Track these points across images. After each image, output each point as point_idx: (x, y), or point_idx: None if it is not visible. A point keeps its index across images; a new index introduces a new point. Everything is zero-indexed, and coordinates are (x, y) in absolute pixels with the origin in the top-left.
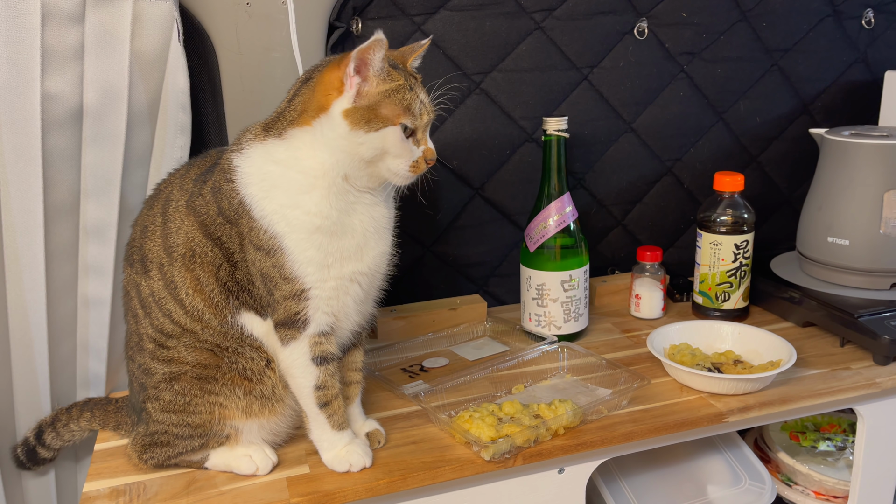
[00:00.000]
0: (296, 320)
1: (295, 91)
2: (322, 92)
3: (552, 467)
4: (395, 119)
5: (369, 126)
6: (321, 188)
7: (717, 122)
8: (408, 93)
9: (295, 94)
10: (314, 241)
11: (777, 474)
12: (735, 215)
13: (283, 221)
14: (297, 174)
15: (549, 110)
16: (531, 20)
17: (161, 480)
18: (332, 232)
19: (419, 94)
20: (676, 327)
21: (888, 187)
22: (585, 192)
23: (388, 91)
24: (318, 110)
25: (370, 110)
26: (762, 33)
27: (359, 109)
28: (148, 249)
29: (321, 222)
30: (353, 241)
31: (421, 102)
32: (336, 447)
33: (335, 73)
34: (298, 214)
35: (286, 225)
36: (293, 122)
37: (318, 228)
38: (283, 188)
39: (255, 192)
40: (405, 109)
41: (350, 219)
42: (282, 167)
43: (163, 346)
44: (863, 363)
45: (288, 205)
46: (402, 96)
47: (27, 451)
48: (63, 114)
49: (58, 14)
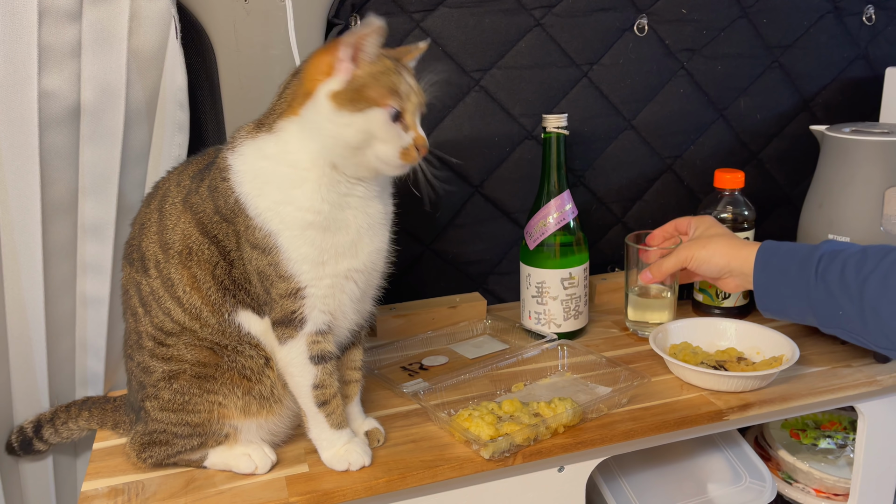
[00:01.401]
0: (293, 319)
1: (285, 85)
2: (309, 78)
3: (552, 466)
4: (381, 100)
5: (354, 106)
6: (311, 181)
7: (717, 118)
8: (395, 75)
9: (284, 87)
10: (307, 238)
11: (777, 472)
12: (735, 212)
13: (277, 219)
14: (287, 168)
15: (549, 107)
16: (531, 17)
17: (160, 479)
18: (325, 227)
19: (406, 77)
20: (678, 325)
21: (889, 184)
22: (585, 190)
23: (376, 73)
24: (305, 97)
25: (356, 91)
26: (762, 30)
27: (345, 91)
28: (145, 247)
29: (313, 218)
30: (348, 237)
31: (408, 85)
32: (335, 446)
33: (324, 58)
34: (291, 211)
35: (279, 222)
36: (282, 115)
37: (310, 224)
38: (274, 184)
39: (248, 191)
40: (391, 91)
41: (343, 214)
42: (272, 162)
43: (162, 344)
44: (863, 361)
45: (280, 201)
46: (389, 78)
47: (22, 441)
48: (60, 111)
49: (55, 11)
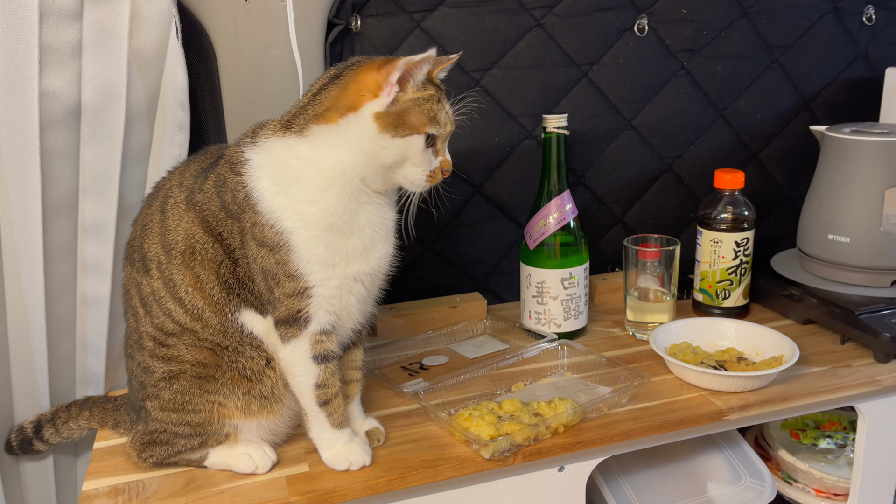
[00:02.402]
0: (297, 318)
1: (322, 86)
2: (355, 91)
3: (552, 465)
4: (422, 128)
5: (396, 132)
6: (338, 187)
7: (717, 119)
8: (436, 104)
9: (321, 88)
10: (324, 239)
11: (777, 472)
12: (735, 212)
13: (296, 216)
14: (318, 172)
15: (549, 107)
16: (531, 17)
17: (160, 479)
18: (343, 231)
19: (445, 105)
20: (678, 324)
21: (889, 184)
22: (585, 190)
23: (419, 100)
24: (348, 109)
25: (399, 116)
26: (763, 30)
27: (389, 114)
28: (147, 248)
29: (334, 220)
30: (361, 241)
31: (446, 113)
32: (335, 445)
33: (373, 76)
34: (315, 211)
35: (298, 220)
36: (317, 118)
37: (330, 226)
38: (303, 183)
39: (266, 186)
40: (431, 119)
41: (359, 219)
42: (304, 163)
43: (163, 345)
44: (863, 361)
45: (305, 200)
46: (430, 106)
47: (21, 440)
48: (61, 111)
49: (56, 11)
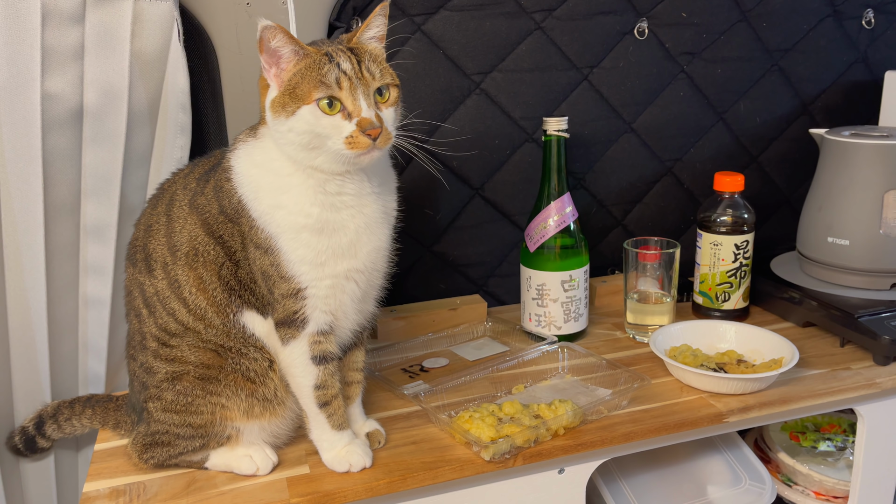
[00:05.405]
0: (295, 319)
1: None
2: (262, 91)
3: (552, 467)
4: (308, 97)
5: (286, 111)
6: (295, 185)
7: (717, 122)
8: (324, 66)
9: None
10: (302, 240)
11: (777, 474)
12: (735, 215)
13: (273, 223)
14: (273, 175)
15: (549, 110)
16: (531, 20)
17: (161, 480)
18: (319, 230)
19: (340, 62)
20: (678, 327)
21: (888, 188)
22: (585, 193)
23: (301, 70)
24: (263, 108)
25: (286, 94)
26: (762, 33)
27: (279, 97)
28: (152, 248)
29: (305, 220)
30: (346, 237)
31: (341, 71)
32: (336, 447)
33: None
34: (284, 215)
35: (276, 226)
36: (261, 120)
37: (303, 227)
38: (265, 189)
39: (247, 192)
40: (318, 83)
41: (338, 215)
42: (261, 169)
43: (166, 345)
44: (863, 363)
45: (273, 205)
46: (315, 71)
47: (25, 440)
48: (63, 114)
49: (58, 14)
